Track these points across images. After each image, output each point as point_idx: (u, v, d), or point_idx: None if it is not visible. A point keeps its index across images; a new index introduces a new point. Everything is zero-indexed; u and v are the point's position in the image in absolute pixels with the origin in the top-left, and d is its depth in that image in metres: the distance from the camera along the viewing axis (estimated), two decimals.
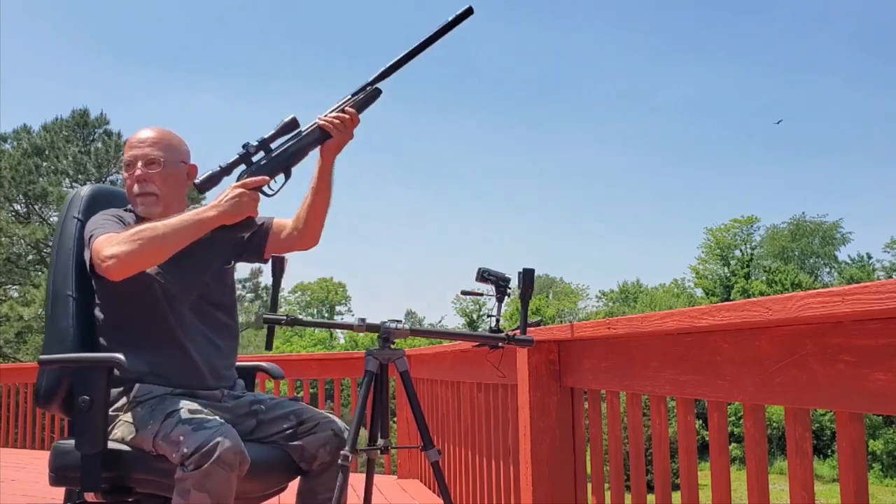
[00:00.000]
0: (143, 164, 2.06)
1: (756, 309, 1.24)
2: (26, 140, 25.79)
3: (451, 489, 3.57)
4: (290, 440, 2.09)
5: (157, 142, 2.10)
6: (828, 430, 28.46)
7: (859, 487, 1.19)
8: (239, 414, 2.08)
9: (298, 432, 2.09)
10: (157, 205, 2.08)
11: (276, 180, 2.02)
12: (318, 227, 2.17)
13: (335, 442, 2.10)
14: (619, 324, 1.74)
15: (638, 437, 1.86)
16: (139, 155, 2.07)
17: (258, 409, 2.11)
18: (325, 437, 2.10)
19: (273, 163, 1.99)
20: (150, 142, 2.09)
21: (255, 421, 2.10)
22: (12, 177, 23.98)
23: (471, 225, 71.97)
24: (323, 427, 2.10)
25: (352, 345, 37.80)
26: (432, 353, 4.06)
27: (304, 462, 2.09)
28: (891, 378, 1.07)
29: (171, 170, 2.10)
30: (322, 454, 2.09)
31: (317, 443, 2.09)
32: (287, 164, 2.01)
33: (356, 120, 2.04)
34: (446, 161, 70.98)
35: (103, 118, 26.44)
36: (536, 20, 64.83)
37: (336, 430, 2.11)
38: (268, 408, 2.13)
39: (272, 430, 2.09)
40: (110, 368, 1.93)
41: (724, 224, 43.84)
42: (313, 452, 2.08)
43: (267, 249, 2.20)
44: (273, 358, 5.89)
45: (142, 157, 2.07)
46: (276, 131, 2.00)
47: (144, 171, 2.06)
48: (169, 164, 2.09)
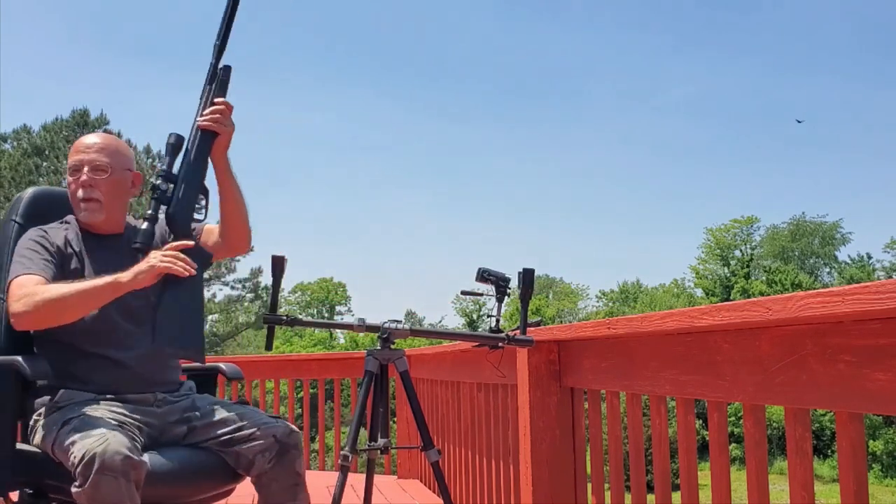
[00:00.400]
0: (90, 170, 2.05)
1: (756, 309, 1.24)
2: (26, 140, 25.81)
3: (451, 489, 3.57)
4: (225, 446, 2.02)
5: (104, 148, 2.08)
6: (828, 430, 28.46)
7: (859, 487, 1.19)
8: (169, 420, 2.05)
9: (234, 439, 2.02)
10: (100, 211, 2.07)
11: (199, 203, 2.02)
12: (240, 230, 2.12)
13: (276, 449, 2.00)
14: (619, 324, 1.74)
15: (638, 437, 1.86)
16: (86, 160, 2.06)
17: (192, 416, 2.06)
18: (264, 444, 2.00)
19: (186, 193, 1.99)
20: (97, 148, 2.08)
21: (187, 428, 2.05)
22: (12, 177, 24.00)
23: (470, 225, 72.03)
24: (263, 434, 2.01)
25: (352, 345, 37.77)
26: (432, 353, 4.06)
27: (242, 468, 2.02)
28: (891, 378, 1.07)
29: (117, 177, 2.08)
30: (260, 461, 2.00)
31: (254, 450, 2.00)
32: (196, 182, 2.01)
33: (230, 106, 2.02)
34: (446, 161, 71.05)
35: (103, 118, 26.48)
36: (536, 20, 64.89)
37: (279, 436, 2.01)
38: (204, 413, 2.07)
39: (206, 436, 2.04)
40: (15, 371, 1.92)
41: (724, 224, 43.88)
42: (250, 459, 2.00)
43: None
44: (266, 359, 5.90)
45: (88, 162, 2.05)
46: (169, 157, 1.99)
47: (90, 177, 2.05)
48: (116, 172, 2.08)
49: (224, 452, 2.02)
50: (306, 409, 6.04)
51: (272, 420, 2.06)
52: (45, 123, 26.20)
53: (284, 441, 2.01)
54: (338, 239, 71.54)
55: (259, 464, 2.00)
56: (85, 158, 2.06)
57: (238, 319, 28.80)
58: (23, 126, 26.40)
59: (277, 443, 2.01)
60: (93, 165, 2.06)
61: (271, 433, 2.01)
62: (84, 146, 2.09)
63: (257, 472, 2.01)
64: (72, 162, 2.09)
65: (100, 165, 2.06)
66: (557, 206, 69.73)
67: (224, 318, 27.33)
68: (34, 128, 26.40)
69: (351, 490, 3.88)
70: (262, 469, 2.00)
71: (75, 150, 2.10)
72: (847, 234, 44.62)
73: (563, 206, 69.36)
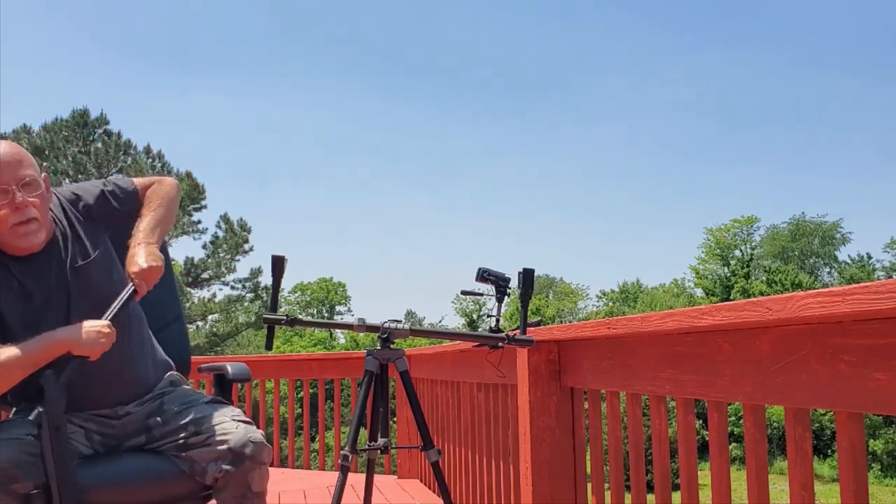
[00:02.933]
0: (21, 188, 1.83)
1: (756, 309, 1.24)
2: (26, 140, 25.74)
3: (451, 489, 3.57)
4: (180, 451, 1.94)
5: (23, 160, 1.87)
6: (828, 430, 28.45)
7: (859, 487, 1.19)
8: (127, 431, 2.00)
9: (189, 444, 1.93)
10: (41, 231, 1.87)
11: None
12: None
13: (228, 458, 1.88)
14: (618, 324, 1.74)
15: (638, 437, 1.85)
16: (11, 179, 1.81)
17: (153, 423, 1.99)
18: (217, 452, 1.89)
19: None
20: (17, 162, 1.85)
21: (146, 437, 1.99)
22: None
23: (470, 225, 72.03)
24: (218, 440, 1.89)
25: (352, 345, 37.79)
26: (432, 353, 4.06)
27: (198, 476, 1.92)
28: (891, 378, 1.07)
29: (43, 189, 1.89)
30: (212, 469, 1.88)
31: (207, 456, 1.90)
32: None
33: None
34: (446, 161, 71.03)
35: (103, 118, 26.43)
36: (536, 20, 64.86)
37: (233, 445, 1.87)
38: (167, 418, 1.99)
39: (165, 441, 1.96)
40: None
41: (724, 224, 43.88)
42: (203, 466, 1.90)
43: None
44: (266, 359, 5.90)
45: (15, 180, 1.82)
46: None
47: (24, 198, 1.83)
48: (42, 185, 1.88)
49: (179, 458, 1.94)
50: (306, 408, 6.03)
51: (233, 426, 1.93)
52: (45, 123, 26.13)
53: (238, 451, 1.88)
54: (338, 239, 71.55)
55: (211, 472, 1.89)
56: (9, 177, 1.82)
57: (238, 319, 28.77)
58: (23, 126, 26.36)
59: (230, 452, 1.88)
60: (22, 183, 1.83)
61: (225, 440, 1.90)
62: (2, 163, 1.83)
63: (210, 482, 1.92)
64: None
65: (29, 182, 1.85)
66: (557, 206, 69.74)
67: (224, 318, 27.30)
68: (34, 128, 26.37)
69: (351, 490, 3.88)
70: (215, 476, 1.90)
71: None
72: (847, 234, 44.63)
73: (563, 206, 69.38)
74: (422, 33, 68.85)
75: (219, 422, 1.95)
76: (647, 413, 2.74)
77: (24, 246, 1.88)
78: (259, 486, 1.93)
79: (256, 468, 1.90)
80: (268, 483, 1.98)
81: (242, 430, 1.91)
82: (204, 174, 64.71)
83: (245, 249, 26.47)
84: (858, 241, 59.66)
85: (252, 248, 26.61)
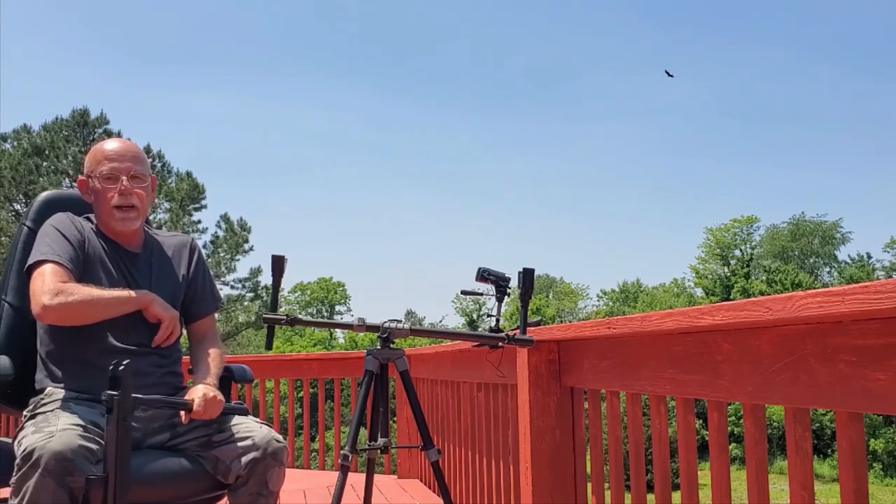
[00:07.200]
0: (129, 179, 2.09)
1: (756, 309, 1.24)
2: (26, 140, 25.77)
3: (451, 489, 3.57)
4: (204, 449, 1.99)
5: (137, 156, 2.14)
6: (828, 430, 28.45)
7: (859, 487, 1.19)
8: (152, 426, 2.02)
9: (213, 441, 1.99)
10: (137, 220, 2.12)
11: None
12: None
13: (253, 453, 1.96)
14: (618, 324, 1.74)
15: (638, 436, 1.85)
16: (122, 169, 2.09)
17: (176, 422, 2.01)
18: (241, 448, 1.96)
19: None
20: (131, 156, 2.12)
21: (170, 434, 2.03)
22: (12, 177, 23.98)
23: (470, 225, 71.99)
24: (242, 437, 1.98)
25: (352, 345, 37.79)
26: (432, 353, 4.06)
27: (220, 474, 1.98)
28: (891, 378, 1.07)
29: (149, 186, 2.15)
30: (236, 466, 1.96)
31: (231, 453, 1.97)
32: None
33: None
34: (446, 161, 70.99)
35: (103, 118, 26.44)
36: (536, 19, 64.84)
37: (256, 441, 1.97)
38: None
39: (187, 439, 2.01)
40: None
41: (724, 224, 43.90)
42: (227, 464, 1.96)
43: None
44: (266, 359, 5.90)
45: (125, 171, 2.09)
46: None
47: (129, 186, 2.08)
48: (148, 181, 2.14)
49: (203, 457, 1.99)
50: (306, 408, 6.03)
51: (256, 425, 2.02)
52: (45, 123, 26.15)
53: (262, 447, 1.97)
54: (338, 239, 71.53)
55: (235, 469, 1.96)
56: (120, 167, 2.09)
57: (238, 319, 28.79)
58: (23, 126, 26.36)
59: (255, 447, 1.97)
60: (131, 174, 2.09)
61: (250, 437, 1.98)
62: (117, 154, 2.11)
63: (233, 479, 1.97)
64: (106, 170, 2.09)
65: (138, 175, 2.10)
66: (557, 206, 69.71)
67: (224, 318, 27.32)
68: (34, 128, 26.37)
69: (351, 490, 3.88)
70: (238, 474, 1.96)
71: (107, 158, 2.10)
72: (847, 234, 44.69)
73: (563, 206, 69.35)
74: (422, 33, 68.83)
75: (241, 421, 2.03)
76: (647, 413, 2.74)
77: (120, 229, 2.10)
78: (276, 485, 2.01)
79: (276, 466, 2.00)
80: (282, 486, 2.04)
81: (266, 429, 2.02)
82: (204, 174, 64.65)
83: (245, 249, 26.50)
84: (858, 241, 59.74)
85: (252, 247, 26.65)
